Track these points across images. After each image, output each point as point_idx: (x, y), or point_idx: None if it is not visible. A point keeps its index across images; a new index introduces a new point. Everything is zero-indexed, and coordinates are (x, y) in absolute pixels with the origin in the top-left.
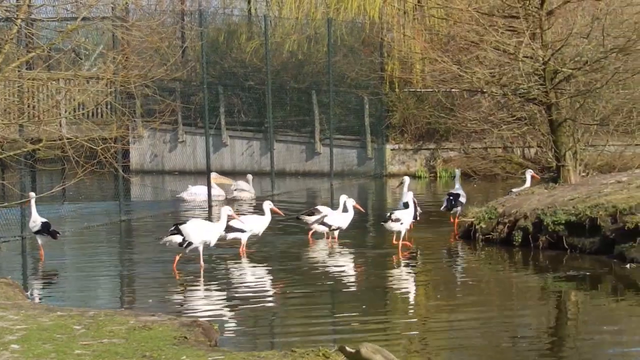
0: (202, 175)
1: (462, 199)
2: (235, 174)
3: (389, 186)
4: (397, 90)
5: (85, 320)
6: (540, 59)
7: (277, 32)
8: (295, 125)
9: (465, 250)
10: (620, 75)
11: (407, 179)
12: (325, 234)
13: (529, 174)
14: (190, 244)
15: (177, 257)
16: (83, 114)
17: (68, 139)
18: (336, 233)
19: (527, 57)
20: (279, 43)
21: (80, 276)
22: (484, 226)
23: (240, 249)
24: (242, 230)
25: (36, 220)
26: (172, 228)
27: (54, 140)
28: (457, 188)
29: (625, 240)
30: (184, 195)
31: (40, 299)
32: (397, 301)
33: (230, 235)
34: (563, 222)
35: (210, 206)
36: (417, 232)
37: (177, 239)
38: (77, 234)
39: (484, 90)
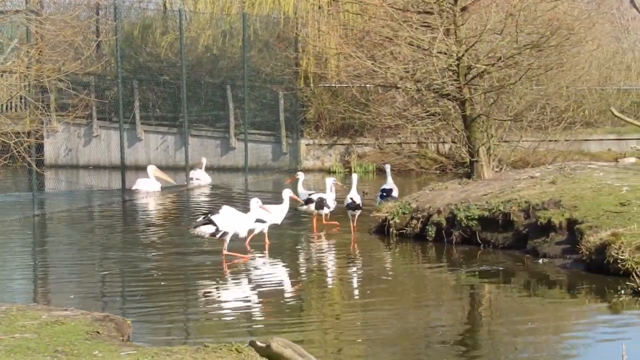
0: (117, 169)
1: (395, 194)
2: None
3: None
4: (312, 85)
5: None
6: (454, 54)
7: (192, 26)
8: (210, 120)
9: (379, 246)
10: (533, 72)
11: (301, 175)
12: (322, 217)
13: None
14: (225, 233)
15: (225, 245)
16: None
17: None
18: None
19: (441, 52)
20: (194, 38)
21: None
22: (397, 221)
23: (264, 240)
24: (262, 221)
25: None
26: (202, 218)
27: None
28: (390, 183)
29: (538, 236)
30: (133, 188)
31: None
32: (311, 296)
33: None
34: (476, 217)
35: (124, 200)
36: (331, 228)
37: (209, 229)
38: None
39: (398, 85)
